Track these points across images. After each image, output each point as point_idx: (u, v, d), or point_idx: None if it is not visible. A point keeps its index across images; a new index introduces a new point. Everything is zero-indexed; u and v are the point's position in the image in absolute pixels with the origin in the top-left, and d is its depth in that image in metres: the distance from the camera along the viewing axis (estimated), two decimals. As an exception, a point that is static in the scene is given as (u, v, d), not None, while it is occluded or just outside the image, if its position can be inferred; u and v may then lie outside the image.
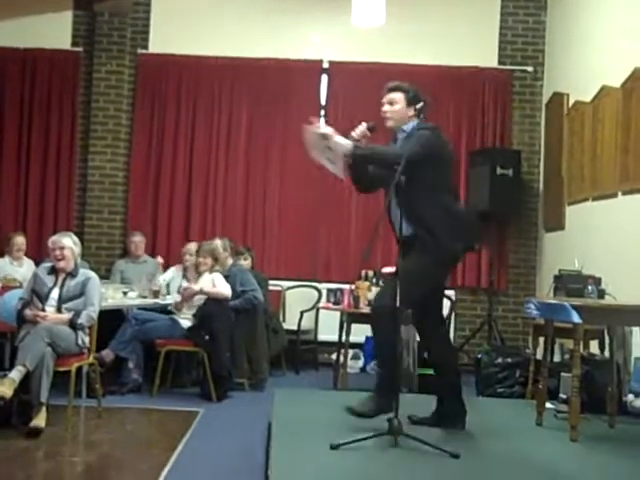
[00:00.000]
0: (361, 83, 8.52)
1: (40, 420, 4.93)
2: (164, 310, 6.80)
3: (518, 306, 8.21)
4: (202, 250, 6.76)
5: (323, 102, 8.78)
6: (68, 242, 5.58)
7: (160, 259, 7.79)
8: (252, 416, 4.87)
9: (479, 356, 6.75)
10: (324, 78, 8.78)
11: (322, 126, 4.32)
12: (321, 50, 8.74)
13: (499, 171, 8.04)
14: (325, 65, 8.76)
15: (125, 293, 6.87)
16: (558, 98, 7.94)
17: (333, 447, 4.10)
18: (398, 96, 4.52)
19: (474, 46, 8.67)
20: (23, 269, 7.25)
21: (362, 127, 4.42)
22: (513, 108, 8.69)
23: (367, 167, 4.57)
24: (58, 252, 5.52)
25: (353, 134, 4.43)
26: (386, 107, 4.56)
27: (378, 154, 4.44)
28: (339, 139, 4.26)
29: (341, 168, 4.33)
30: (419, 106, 4.48)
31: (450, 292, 8.08)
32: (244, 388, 6.59)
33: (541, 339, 5.46)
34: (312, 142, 4.31)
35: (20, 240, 7.45)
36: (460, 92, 8.64)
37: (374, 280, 6.72)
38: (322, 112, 8.74)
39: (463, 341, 8.23)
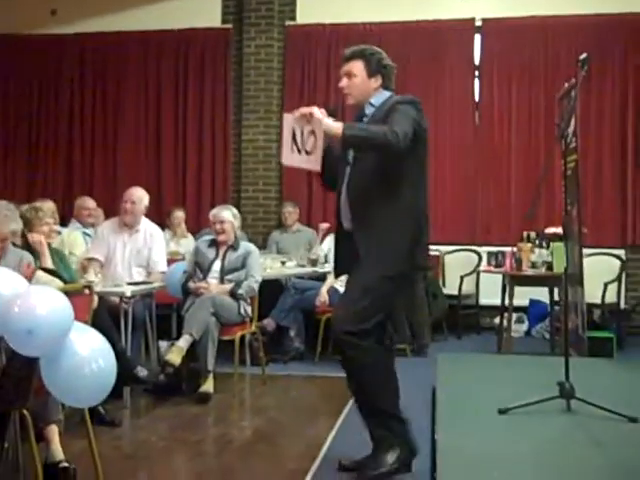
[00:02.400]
0: (518, 40, 8.20)
1: (208, 386, 5.10)
2: (323, 278, 6.82)
3: (695, 263, 7.67)
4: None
5: (477, 63, 8.47)
6: (228, 215, 5.68)
7: (325, 225, 7.68)
8: (415, 381, 4.78)
9: (655, 317, 6.37)
10: (477, 37, 8.46)
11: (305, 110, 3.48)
12: (473, 7, 8.41)
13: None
14: (478, 23, 8.43)
15: (283, 263, 6.94)
16: None
17: (501, 411, 3.98)
18: (357, 65, 3.66)
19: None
20: (184, 242, 7.48)
21: (323, 112, 3.50)
22: (683, 52, 8.05)
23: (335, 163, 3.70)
24: (219, 226, 5.64)
25: None
26: (343, 81, 3.69)
27: (374, 134, 3.41)
28: (329, 121, 3.46)
29: (319, 158, 3.52)
30: (384, 73, 3.71)
31: (620, 251, 7.70)
32: (406, 354, 6.52)
33: None
34: (290, 133, 3.57)
35: (180, 214, 7.69)
36: (625, 39, 8.06)
37: (537, 241, 6.48)
38: (476, 73, 8.45)
39: (635, 302, 7.79)
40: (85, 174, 9.10)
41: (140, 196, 5.72)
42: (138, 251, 5.69)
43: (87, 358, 3.07)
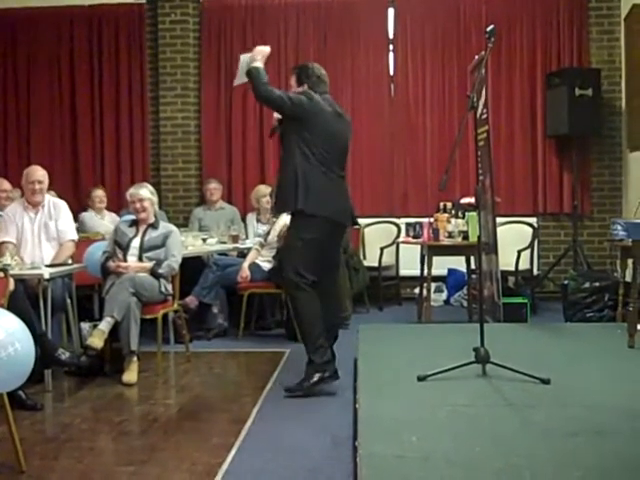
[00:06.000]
0: (431, 13, 8.40)
1: (131, 377, 5.06)
2: (243, 254, 6.85)
3: (604, 229, 7.97)
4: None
5: (391, 37, 8.56)
6: (146, 193, 5.64)
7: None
8: (337, 353, 4.87)
9: (565, 282, 6.61)
10: (391, 11, 8.54)
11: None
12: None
13: (578, 92, 7.75)
14: (390, -2, 8.53)
15: (204, 240, 6.94)
16: (638, 10, 7.54)
17: (420, 379, 4.09)
18: (292, 78, 4.83)
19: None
20: (105, 221, 7.39)
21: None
22: (589, 25, 8.30)
23: None
24: (138, 204, 5.59)
25: (275, 115, 4.76)
26: (291, 80, 4.87)
27: (261, 82, 4.55)
28: (257, 63, 4.61)
29: (237, 83, 4.88)
30: (308, 82, 4.71)
31: (532, 219, 7.95)
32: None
33: (630, 261, 5.29)
34: (243, 67, 4.67)
35: (100, 193, 7.58)
36: (533, 12, 8.30)
37: (453, 212, 6.61)
38: (390, 47, 8.53)
39: (547, 269, 8.06)
40: (-2, 156, 8.88)
41: (43, 174, 5.70)
42: (45, 224, 5.64)
43: (3, 342, 3.04)
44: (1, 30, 8.82)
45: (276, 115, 4.76)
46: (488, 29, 4.44)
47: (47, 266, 5.23)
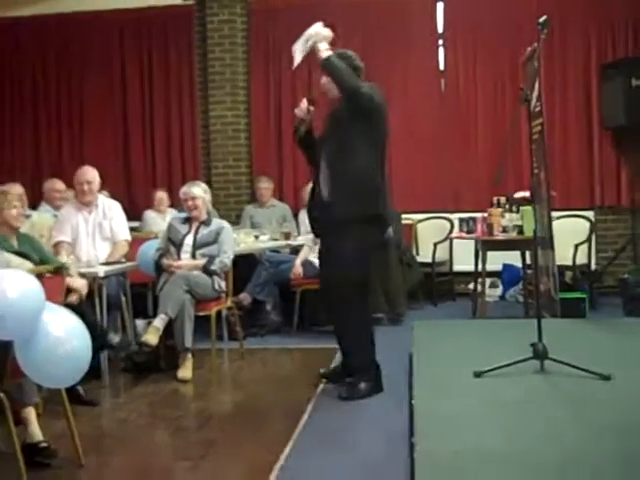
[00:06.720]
0: (480, 6, 8.22)
1: (185, 373, 5.09)
2: (296, 251, 6.84)
3: (665, 222, 7.76)
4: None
5: (440, 31, 8.47)
6: (198, 191, 5.68)
7: None
8: (392, 349, 4.84)
9: (625, 276, 6.47)
10: (440, 6, 8.45)
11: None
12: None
13: (634, 82, 7.55)
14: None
15: (256, 237, 6.95)
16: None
17: (477, 375, 4.03)
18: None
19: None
20: (166, 221, 7.45)
21: (304, 103, 4.48)
22: (647, 12, 8.10)
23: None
24: (190, 202, 5.63)
25: (297, 111, 4.49)
26: (323, 79, 4.46)
27: (349, 75, 4.30)
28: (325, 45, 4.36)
29: (295, 63, 4.44)
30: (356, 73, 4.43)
31: (589, 213, 7.79)
32: (383, 322, 6.56)
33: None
34: (305, 38, 4.43)
35: (160, 195, 7.66)
36: (586, 0, 8.11)
37: (507, 206, 6.52)
38: (440, 41, 8.45)
39: (605, 263, 7.89)
40: (53, 157, 9.02)
41: (93, 174, 5.75)
42: (100, 224, 5.70)
43: (61, 339, 3.07)
44: (54, 35, 8.95)
45: (299, 112, 4.50)
46: (541, 20, 4.33)
47: (102, 264, 5.29)
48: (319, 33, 4.35)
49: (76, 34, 8.91)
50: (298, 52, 4.37)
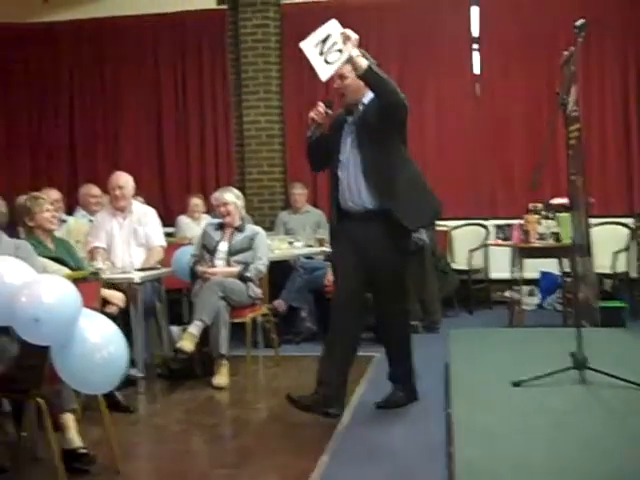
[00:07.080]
0: (515, 9, 8.15)
1: (221, 379, 5.08)
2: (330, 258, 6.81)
3: None
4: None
5: (475, 35, 8.41)
6: (230, 197, 5.67)
7: None
8: (428, 357, 4.79)
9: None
10: (474, 10, 8.39)
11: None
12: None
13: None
14: (475, -5, 8.38)
15: (291, 243, 6.93)
16: None
17: (515, 384, 3.97)
18: (347, 67, 4.07)
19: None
20: (201, 226, 7.47)
21: (321, 107, 4.17)
22: (685, 16, 7.96)
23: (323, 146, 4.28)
24: (223, 208, 5.63)
25: (313, 115, 4.18)
26: (337, 83, 4.20)
27: (390, 82, 4.04)
28: (359, 55, 3.99)
29: (328, 74, 4.01)
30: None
31: (628, 220, 7.65)
32: (418, 330, 6.51)
33: None
34: (324, 34, 4.05)
35: (195, 201, 7.67)
36: (624, 3, 7.98)
37: (543, 213, 6.45)
38: (475, 45, 8.38)
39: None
40: (88, 163, 9.08)
41: (126, 180, 5.75)
42: (135, 230, 5.71)
43: (98, 345, 3.07)
44: (89, 39, 9.03)
45: (317, 116, 4.19)
46: (578, 23, 4.25)
47: (137, 270, 5.31)
48: (348, 37, 3.97)
49: (111, 39, 8.97)
50: (329, 65, 3.99)
